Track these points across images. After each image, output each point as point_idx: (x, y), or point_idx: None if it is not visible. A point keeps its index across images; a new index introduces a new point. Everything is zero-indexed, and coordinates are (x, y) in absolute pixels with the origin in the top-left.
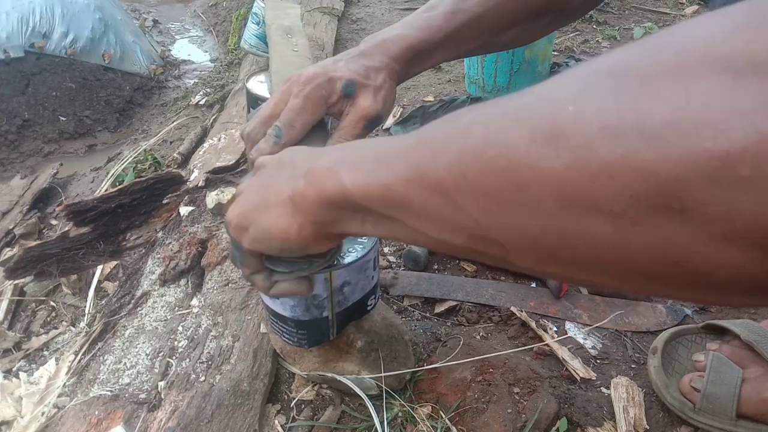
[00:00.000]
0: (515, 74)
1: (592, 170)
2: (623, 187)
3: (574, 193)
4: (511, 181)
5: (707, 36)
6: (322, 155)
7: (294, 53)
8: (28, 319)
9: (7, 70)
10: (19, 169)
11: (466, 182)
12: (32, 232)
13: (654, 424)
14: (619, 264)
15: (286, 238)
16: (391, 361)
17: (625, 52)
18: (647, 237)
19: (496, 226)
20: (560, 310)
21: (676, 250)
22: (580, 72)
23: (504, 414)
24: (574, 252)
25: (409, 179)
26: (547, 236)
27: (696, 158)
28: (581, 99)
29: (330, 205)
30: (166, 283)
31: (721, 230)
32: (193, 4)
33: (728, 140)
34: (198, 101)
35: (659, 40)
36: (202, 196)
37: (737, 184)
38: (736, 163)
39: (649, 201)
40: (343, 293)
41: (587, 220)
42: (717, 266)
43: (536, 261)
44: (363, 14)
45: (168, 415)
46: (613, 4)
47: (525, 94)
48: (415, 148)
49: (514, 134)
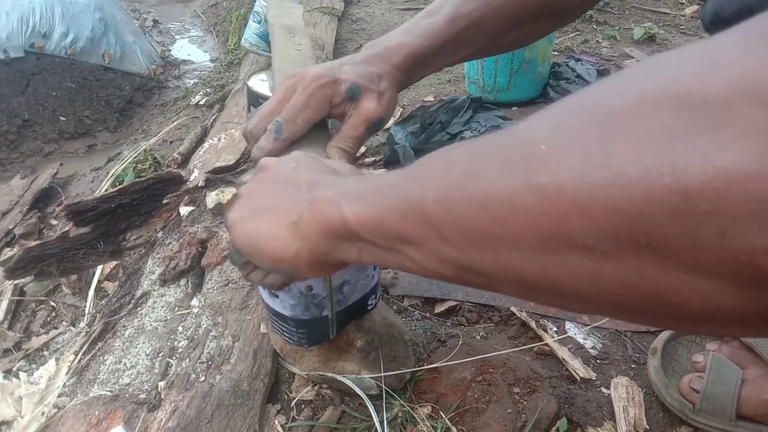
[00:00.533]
0: (515, 74)
1: (563, 207)
2: (593, 222)
3: (548, 228)
4: (491, 216)
5: (667, 74)
6: (329, 184)
7: (297, 52)
8: (28, 319)
9: (7, 70)
10: (19, 169)
11: (451, 216)
12: (32, 232)
13: (654, 424)
14: (597, 295)
15: (281, 260)
16: (391, 361)
17: (593, 91)
18: (619, 270)
19: (479, 258)
20: (560, 310)
21: (647, 282)
22: (554, 110)
23: (504, 414)
24: (553, 283)
25: (401, 211)
26: (528, 268)
27: (657, 194)
28: (552, 138)
29: (330, 234)
30: (166, 283)
31: (688, 264)
32: (193, 4)
33: (687, 176)
34: (198, 101)
35: (624, 78)
36: (202, 196)
37: (698, 218)
38: (695, 199)
39: (617, 236)
40: (343, 292)
41: (563, 254)
42: (688, 298)
43: (521, 290)
44: (363, 14)
45: (168, 415)
46: (613, 4)
47: (507, 131)
48: (407, 180)
49: (492, 171)
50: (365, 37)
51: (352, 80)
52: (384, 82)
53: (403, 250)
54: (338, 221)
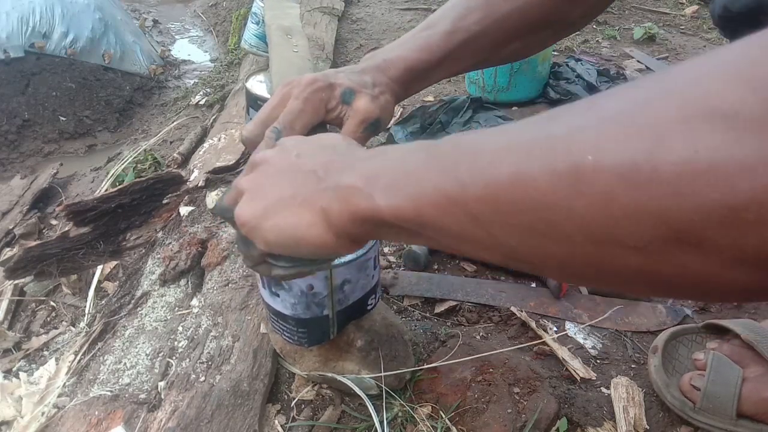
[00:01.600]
0: (515, 74)
1: (614, 213)
2: (644, 228)
3: (600, 232)
4: (541, 219)
5: (707, 87)
6: (345, 167)
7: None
8: (28, 319)
9: (7, 70)
10: (19, 169)
11: (498, 215)
12: (32, 232)
13: (654, 424)
14: (643, 283)
15: (323, 245)
16: (391, 361)
17: (628, 97)
18: (668, 264)
19: (528, 252)
20: (560, 310)
21: (691, 273)
22: (592, 116)
23: (504, 414)
24: (599, 272)
25: (440, 206)
26: (576, 261)
27: (708, 207)
28: (598, 149)
29: (363, 222)
30: (166, 283)
31: (731, 260)
32: (193, 4)
33: (735, 191)
34: (198, 101)
35: (659, 86)
36: (202, 196)
37: (744, 226)
38: (742, 211)
39: (667, 238)
40: (344, 291)
41: (611, 252)
42: (728, 283)
43: (567, 277)
44: (363, 14)
45: (168, 416)
46: (613, 4)
47: (546, 132)
48: (440, 171)
49: (541, 178)
50: (365, 37)
51: (347, 85)
52: (379, 89)
53: (442, 240)
54: (371, 212)
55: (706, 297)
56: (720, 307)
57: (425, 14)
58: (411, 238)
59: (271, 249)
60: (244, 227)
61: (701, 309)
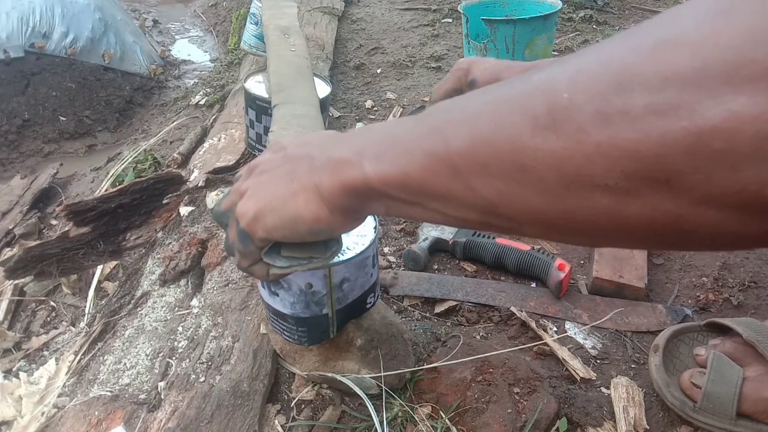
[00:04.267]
0: None
1: (586, 150)
2: (615, 163)
3: (572, 171)
4: (518, 164)
5: (680, 26)
6: (337, 144)
7: (291, 52)
8: (28, 319)
9: (7, 70)
10: (19, 169)
11: (477, 166)
12: (32, 232)
13: (654, 424)
14: (615, 228)
15: (318, 221)
16: (391, 360)
17: (609, 42)
18: (639, 205)
19: (505, 204)
20: (560, 310)
21: (663, 214)
22: (572, 61)
23: (504, 414)
24: (575, 221)
25: (426, 166)
26: (551, 209)
27: (675, 136)
28: (573, 87)
29: (354, 193)
30: (166, 283)
31: (701, 195)
32: (193, 4)
33: (702, 118)
34: (198, 101)
35: (639, 30)
36: (202, 196)
37: (711, 156)
38: (709, 138)
39: (637, 174)
40: (343, 290)
41: (585, 194)
42: (699, 225)
43: (542, 230)
44: (363, 14)
45: (168, 416)
46: (613, 4)
47: (524, 81)
48: (428, 134)
49: (518, 122)
50: (365, 37)
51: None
52: None
53: (428, 204)
54: (361, 181)
55: (681, 243)
56: (720, 307)
57: (425, 14)
58: (400, 208)
59: (271, 235)
60: (244, 219)
61: (701, 309)
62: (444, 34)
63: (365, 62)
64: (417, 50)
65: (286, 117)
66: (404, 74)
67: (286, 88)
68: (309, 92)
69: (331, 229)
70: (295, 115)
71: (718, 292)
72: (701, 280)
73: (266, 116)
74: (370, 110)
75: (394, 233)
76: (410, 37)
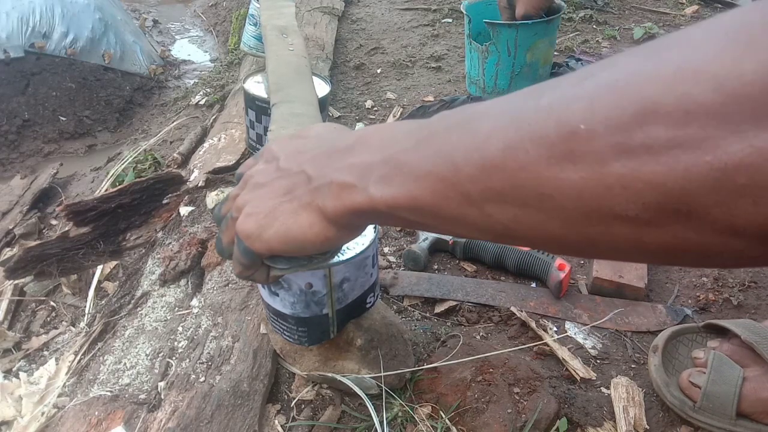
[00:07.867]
0: (516, 77)
1: (607, 182)
2: (637, 195)
3: (592, 202)
4: (534, 192)
5: (700, 53)
6: (333, 162)
7: (290, 52)
8: (28, 319)
9: (7, 70)
10: (19, 169)
11: (492, 193)
12: (32, 232)
13: (654, 424)
14: (638, 251)
15: (325, 240)
16: (391, 360)
17: (624, 66)
18: (660, 233)
19: (522, 229)
20: (560, 310)
21: (684, 242)
22: (586, 86)
23: (504, 414)
24: (594, 246)
25: (436, 191)
26: (570, 236)
27: (699, 170)
28: (591, 118)
29: (361, 214)
30: (166, 283)
31: (723, 227)
32: (193, 4)
33: (726, 154)
34: (198, 101)
35: (657, 54)
36: (202, 196)
37: (735, 190)
38: (733, 174)
39: (659, 206)
40: (343, 290)
41: (605, 224)
42: (719, 253)
43: (560, 251)
44: (363, 14)
45: (168, 416)
46: (613, 4)
47: (533, 100)
48: (435, 158)
49: (534, 151)
50: (365, 37)
51: None
52: None
53: (439, 225)
54: (368, 206)
55: (704, 264)
56: (720, 307)
57: (425, 14)
58: (409, 223)
59: (275, 251)
60: (247, 240)
61: (701, 309)
62: (444, 34)
63: (365, 62)
64: (417, 50)
65: (285, 116)
66: (404, 74)
67: (285, 87)
68: (308, 91)
69: (338, 243)
70: (294, 113)
71: (718, 292)
72: (701, 280)
73: (266, 116)
74: (370, 110)
75: (394, 233)
76: (410, 37)
